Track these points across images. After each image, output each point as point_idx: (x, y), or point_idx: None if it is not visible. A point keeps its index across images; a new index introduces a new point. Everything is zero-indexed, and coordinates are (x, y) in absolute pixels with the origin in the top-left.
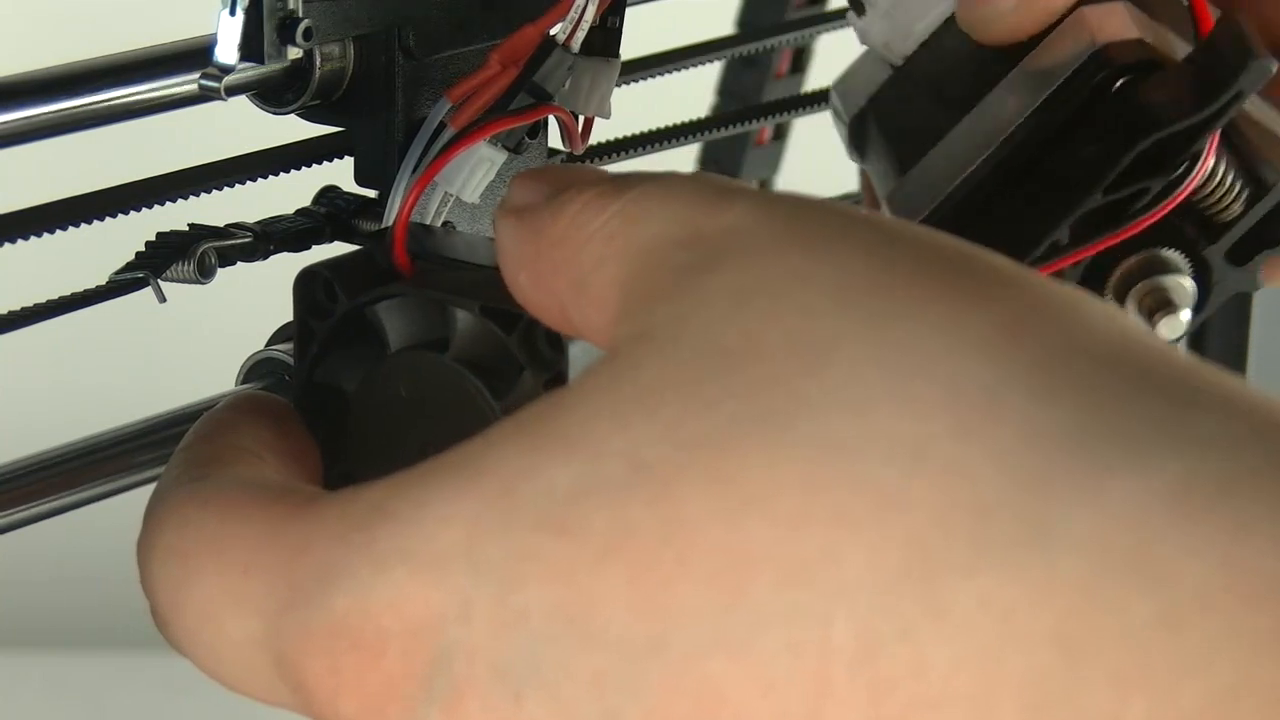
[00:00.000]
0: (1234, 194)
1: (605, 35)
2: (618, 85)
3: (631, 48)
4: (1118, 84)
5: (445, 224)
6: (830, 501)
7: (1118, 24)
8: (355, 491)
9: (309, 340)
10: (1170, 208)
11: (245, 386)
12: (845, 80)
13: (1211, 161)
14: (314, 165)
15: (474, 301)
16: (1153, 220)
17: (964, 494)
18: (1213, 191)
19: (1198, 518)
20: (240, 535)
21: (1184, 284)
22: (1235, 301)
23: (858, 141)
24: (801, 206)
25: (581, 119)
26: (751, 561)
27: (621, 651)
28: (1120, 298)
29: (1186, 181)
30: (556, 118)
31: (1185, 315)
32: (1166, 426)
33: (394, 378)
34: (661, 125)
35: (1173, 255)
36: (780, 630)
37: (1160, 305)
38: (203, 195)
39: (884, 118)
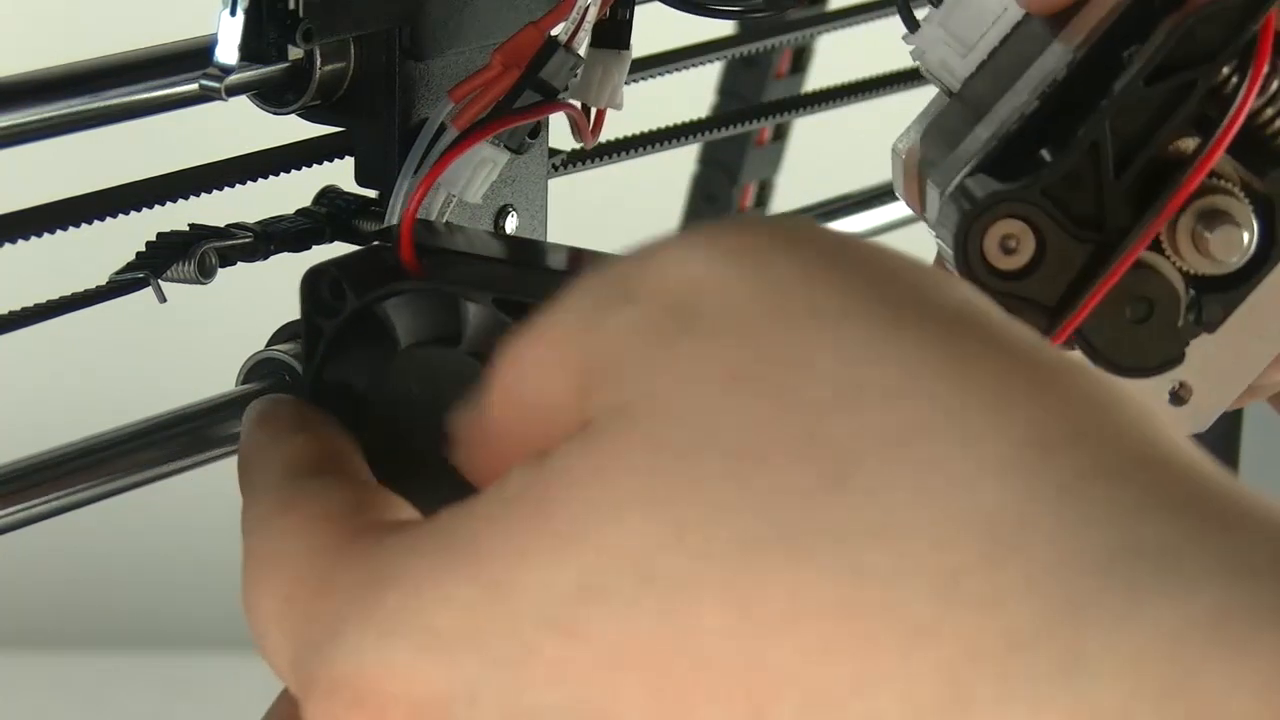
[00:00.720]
0: None
1: (615, 27)
2: None
3: (632, 48)
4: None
5: (445, 224)
6: (860, 630)
7: None
8: (380, 539)
9: (317, 340)
10: (1233, 129)
11: (248, 387)
12: (902, 136)
13: (1265, 70)
14: (314, 166)
15: (486, 294)
16: (1218, 149)
17: (996, 626)
18: (1269, 104)
19: (1237, 647)
20: (292, 559)
21: (1239, 204)
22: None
23: (914, 184)
24: (790, 251)
25: (593, 112)
26: (774, 685)
27: None
28: (1173, 242)
29: (1244, 91)
30: (567, 114)
31: (1245, 237)
32: (1201, 550)
33: (405, 375)
34: (661, 125)
35: (1219, 182)
36: None
37: (1211, 221)
38: (203, 195)
39: (937, 137)
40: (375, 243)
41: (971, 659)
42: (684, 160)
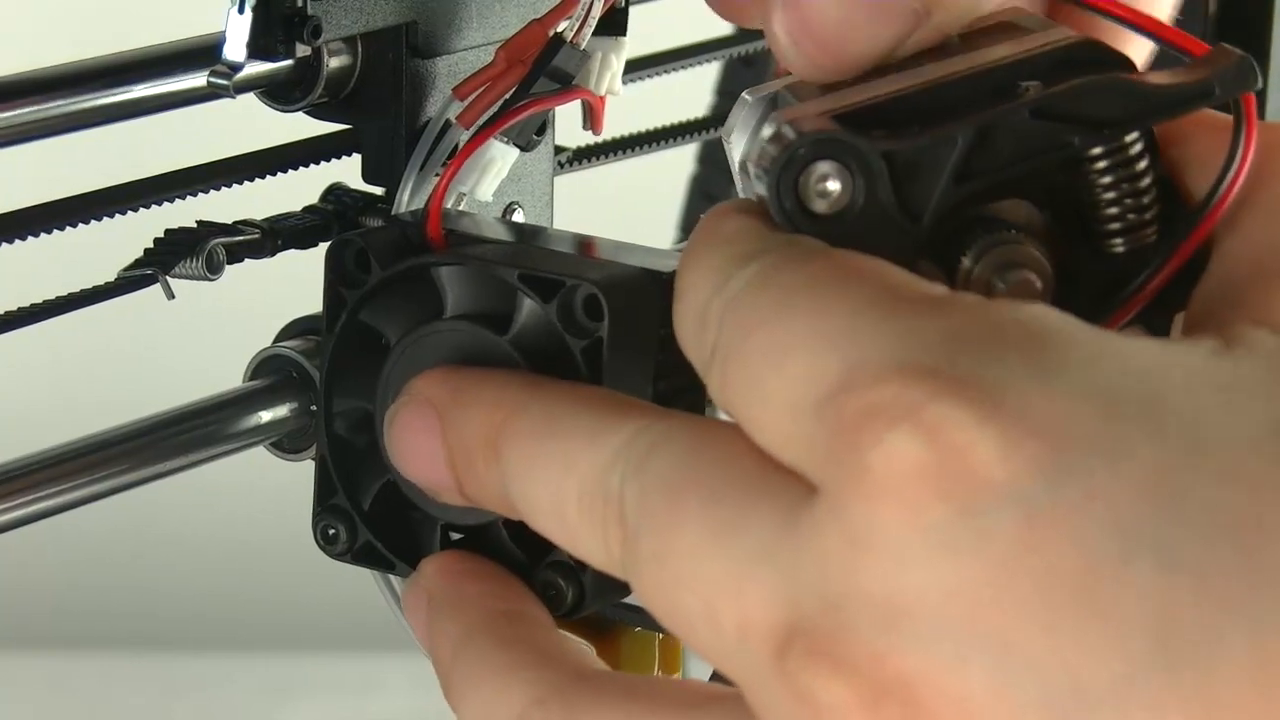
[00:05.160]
0: (1133, 217)
1: (613, 14)
2: None
3: (631, 48)
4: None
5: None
6: None
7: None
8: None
9: (339, 310)
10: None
11: (255, 383)
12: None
13: (1145, 164)
14: (321, 163)
15: (512, 269)
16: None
17: None
18: (1112, 187)
19: None
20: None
21: (1039, 262)
22: None
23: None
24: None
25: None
26: None
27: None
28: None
29: (1229, 181)
30: (584, 100)
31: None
32: None
33: (408, 362)
34: (661, 125)
35: (1019, 235)
36: None
37: (1006, 273)
38: (211, 192)
39: (801, 90)
40: (396, 215)
41: None
42: (683, 159)
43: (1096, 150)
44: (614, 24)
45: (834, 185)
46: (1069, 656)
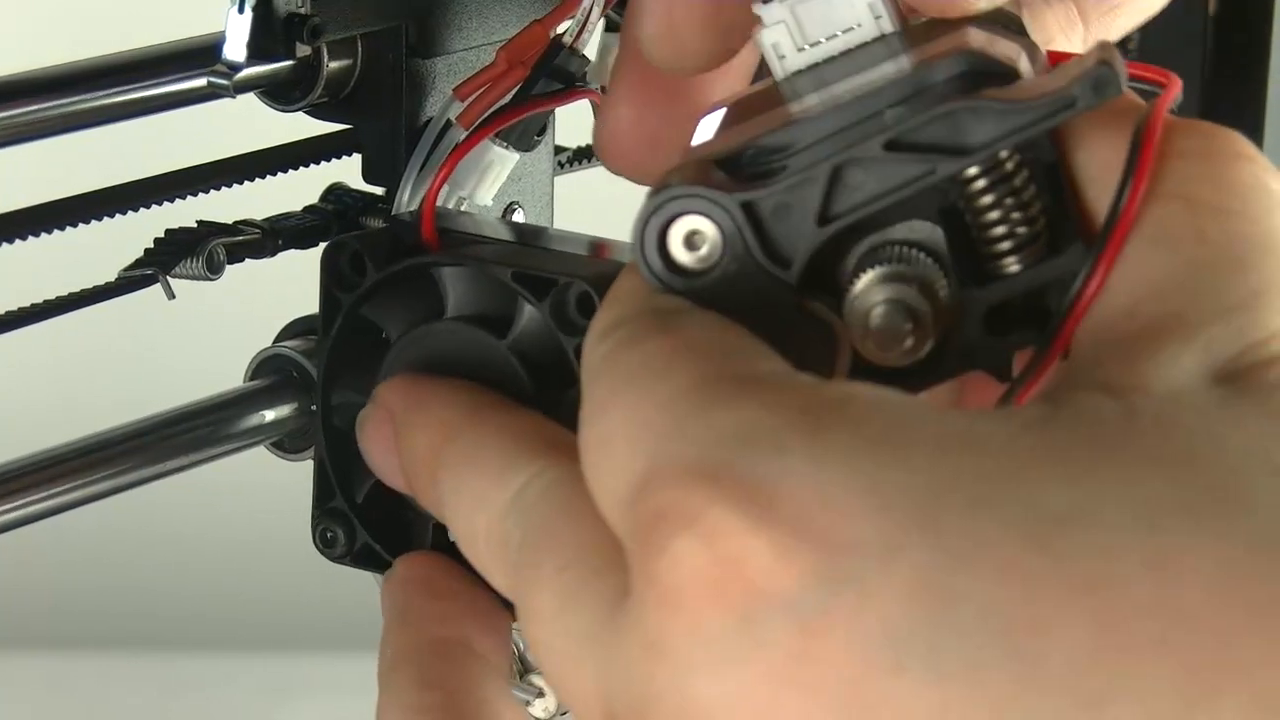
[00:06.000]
0: (1022, 232)
1: (622, 9)
2: None
3: None
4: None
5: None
6: None
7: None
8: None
9: (335, 312)
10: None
11: (255, 383)
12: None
13: (1010, 167)
14: (321, 163)
15: (506, 268)
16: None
17: None
18: (998, 204)
19: None
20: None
21: (921, 301)
22: None
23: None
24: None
25: None
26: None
27: (1065, 696)
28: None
29: (1126, 197)
30: (591, 101)
31: (909, 341)
32: None
33: (406, 361)
34: None
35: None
36: None
37: (888, 313)
38: (211, 192)
39: (738, 114)
40: (394, 217)
41: None
42: None
43: (972, 171)
44: None
45: (700, 240)
46: None
